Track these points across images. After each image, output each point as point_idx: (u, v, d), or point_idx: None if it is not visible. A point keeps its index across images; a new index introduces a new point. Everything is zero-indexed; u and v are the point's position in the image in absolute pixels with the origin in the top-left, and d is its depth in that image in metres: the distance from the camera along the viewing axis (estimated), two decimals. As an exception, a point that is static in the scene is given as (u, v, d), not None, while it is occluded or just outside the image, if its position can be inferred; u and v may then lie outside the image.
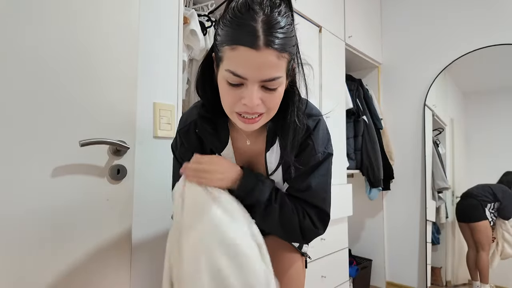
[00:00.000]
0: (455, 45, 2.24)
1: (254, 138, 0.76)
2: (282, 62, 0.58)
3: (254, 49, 0.54)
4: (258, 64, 0.55)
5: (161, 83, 1.10)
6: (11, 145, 0.75)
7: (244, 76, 0.57)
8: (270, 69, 0.56)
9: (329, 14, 1.97)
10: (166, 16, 1.13)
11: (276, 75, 0.57)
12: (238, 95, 0.59)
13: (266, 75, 0.57)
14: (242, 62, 0.56)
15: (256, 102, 0.58)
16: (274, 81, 0.58)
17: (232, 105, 0.61)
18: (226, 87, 0.60)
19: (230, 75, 0.57)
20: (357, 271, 2.21)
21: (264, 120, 0.64)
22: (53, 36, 0.82)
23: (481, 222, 2.10)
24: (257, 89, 0.58)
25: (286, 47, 0.57)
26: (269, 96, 0.60)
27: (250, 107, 0.59)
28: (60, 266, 0.82)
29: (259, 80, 0.57)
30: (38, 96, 0.79)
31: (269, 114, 0.64)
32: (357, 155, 2.25)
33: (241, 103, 0.59)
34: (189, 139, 0.77)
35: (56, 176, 0.81)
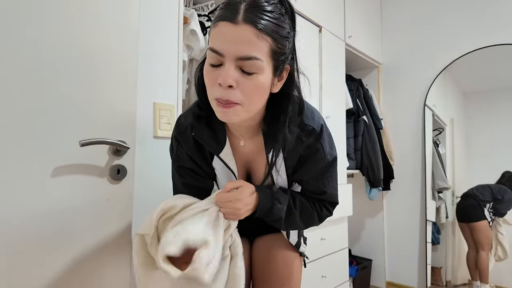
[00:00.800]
0: (455, 45, 2.24)
1: (250, 139, 0.76)
2: (261, 43, 0.55)
3: (232, 22, 0.54)
4: (234, 37, 0.54)
5: (161, 83, 1.10)
6: (11, 145, 0.75)
7: (221, 52, 0.55)
8: (246, 45, 0.54)
9: (329, 14, 1.97)
10: (166, 16, 1.13)
11: (252, 54, 0.55)
12: (216, 76, 0.57)
13: (241, 51, 0.55)
14: (220, 36, 0.56)
15: (228, 79, 0.55)
16: (250, 61, 0.55)
17: (211, 90, 0.60)
18: (206, 69, 0.60)
19: (210, 52, 0.57)
20: (357, 271, 2.21)
21: (241, 114, 0.60)
22: (53, 36, 0.82)
23: (481, 222, 2.10)
24: (234, 69, 0.56)
25: (269, 30, 0.56)
26: (245, 81, 0.57)
27: (223, 87, 0.56)
28: (60, 266, 0.82)
29: (235, 56, 0.55)
30: (38, 96, 0.79)
31: (247, 106, 0.59)
32: (357, 155, 2.25)
33: (217, 84, 0.57)
34: (186, 142, 0.76)
35: (56, 176, 0.81)
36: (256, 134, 0.74)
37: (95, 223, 0.88)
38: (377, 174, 2.22)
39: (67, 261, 0.83)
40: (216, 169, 0.79)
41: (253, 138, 0.75)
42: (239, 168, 0.79)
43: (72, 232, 0.84)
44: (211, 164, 0.78)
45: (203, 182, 0.80)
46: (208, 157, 0.77)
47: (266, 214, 0.74)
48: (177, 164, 0.80)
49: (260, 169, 0.79)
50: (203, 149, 0.77)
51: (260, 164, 0.78)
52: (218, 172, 0.80)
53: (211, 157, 0.77)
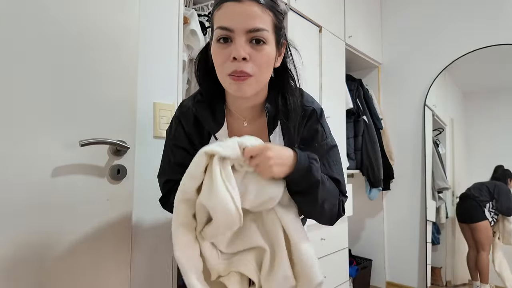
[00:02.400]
0: (455, 45, 2.24)
1: (252, 121, 0.77)
2: (265, 16, 0.63)
3: (237, 1, 0.61)
4: (242, 13, 0.61)
5: (161, 83, 1.10)
6: (12, 145, 0.75)
7: (230, 27, 0.61)
8: (254, 19, 0.61)
9: (329, 14, 1.97)
10: (166, 16, 1.13)
11: (260, 25, 0.62)
12: (227, 52, 0.62)
13: (250, 24, 0.61)
14: (227, 15, 0.62)
15: (242, 52, 0.61)
16: (259, 32, 0.62)
17: (223, 66, 0.64)
18: (216, 48, 0.64)
19: (218, 31, 0.62)
20: (357, 271, 2.21)
21: (254, 85, 0.65)
22: (53, 36, 0.82)
23: (481, 223, 2.10)
24: (245, 42, 0.62)
25: (269, 6, 0.64)
26: (256, 53, 0.63)
27: (238, 60, 0.61)
28: (60, 266, 0.82)
29: (245, 29, 0.61)
30: (38, 96, 0.79)
31: (258, 77, 0.65)
32: (357, 155, 2.25)
33: (230, 59, 0.62)
34: (187, 119, 0.77)
35: (56, 176, 0.81)
36: (258, 116, 0.76)
37: (95, 223, 0.88)
38: (377, 174, 2.22)
39: (67, 261, 0.83)
40: None
41: (256, 120, 0.77)
42: None
43: (72, 232, 0.84)
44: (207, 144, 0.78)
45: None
46: (206, 137, 0.78)
47: (303, 175, 0.63)
48: (172, 143, 0.80)
49: None
50: (202, 129, 0.77)
51: None
52: None
53: (208, 137, 0.78)
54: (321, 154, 0.73)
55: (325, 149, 0.75)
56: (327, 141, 0.76)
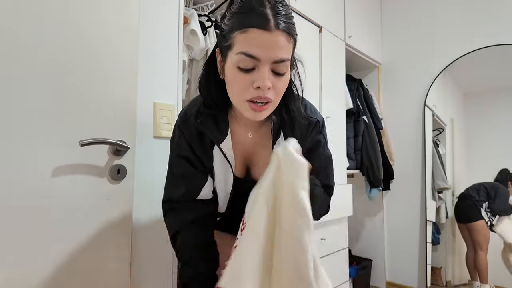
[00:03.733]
0: (455, 45, 2.24)
1: (255, 131, 0.77)
2: (290, 45, 0.62)
3: (267, 30, 0.58)
4: (270, 44, 0.59)
5: (161, 83, 1.10)
6: (12, 144, 0.75)
7: (257, 56, 0.59)
8: (281, 49, 0.60)
9: (329, 14, 1.97)
10: (166, 16, 1.13)
11: (286, 56, 0.61)
12: (250, 80, 0.61)
13: (277, 55, 0.60)
14: (255, 43, 0.59)
15: (268, 83, 0.60)
16: (283, 63, 0.61)
17: (243, 92, 0.63)
18: (236, 73, 0.62)
19: (242, 57, 0.60)
20: (357, 271, 2.21)
21: (270, 110, 0.66)
22: (53, 37, 0.82)
23: (478, 222, 2.11)
24: (269, 71, 0.61)
25: (294, 33, 0.63)
26: (277, 82, 0.63)
27: (262, 89, 0.61)
28: (59, 266, 0.82)
29: (271, 60, 0.60)
30: (38, 96, 0.79)
31: (275, 102, 0.66)
32: (357, 155, 2.25)
33: (253, 87, 0.61)
34: (188, 130, 0.77)
35: (56, 176, 0.81)
36: (262, 125, 0.77)
37: (95, 223, 0.88)
38: (377, 174, 2.22)
39: (66, 261, 0.83)
40: (214, 161, 0.79)
41: (260, 130, 0.77)
42: (238, 162, 0.79)
43: (72, 231, 0.84)
44: (211, 155, 0.78)
45: (195, 175, 0.79)
46: (209, 147, 0.78)
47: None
48: (175, 153, 0.80)
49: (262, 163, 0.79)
50: (205, 139, 0.77)
51: (263, 158, 0.78)
52: (216, 164, 0.79)
53: (211, 146, 0.78)
54: (323, 164, 0.81)
55: (325, 158, 0.82)
56: (327, 151, 0.82)
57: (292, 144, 0.63)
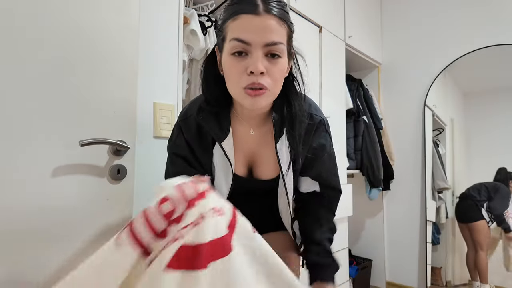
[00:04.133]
0: (455, 45, 2.24)
1: (257, 128, 0.76)
2: (282, 30, 0.62)
3: (256, 14, 0.59)
4: (260, 27, 0.60)
5: (161, 83, 1.10)
6: (12, 144, 0.75)
7: (248, 41, 0.60)
8: (271, 33, 0.60)
9: (329, 14, 1.97)
10: (166, 16, 1.13)
11: (278, 39, 0.61)
12: (244, 66, 0.61)
13: (268, 38, 0.60)
14: (245, 28, 0.60)
15: (261, 67, 0.60)
16: (276, 46, 0.61)
17: (239, 79, 0.63)
18: (231, 61, 0.63)
19: (234, 43, 0.61)
20: (357, 271, 2.21)
21: (268, 98, 0.65)
22: (53, 36, 0.82)
23: (479, 222, 2.11)
24: (262, 56, 0.61)
25: (285, 18, 0.63)
26: (272, 67, 0.62)
27: (255, 74, 0.61)
28: (59, 266, 0.82)
29: (262, 43, 0.60)
30: (38, 96, 0.79)
31: (273, 90, 0.64)
32: (357, 155, 2.25)
33: (247, 73, 0.61)
34: (188, 129, 0.76)
35: (56, 176, 0.81)
36: (265, 123, 0.76)
37: (95, 223, 0.88)
38: (377, 174, 2.22)
39: (66, 261, 0.83)
40: (214, 159, 0.79)
41: (262, 127, 0.77)
42: (239, 161, 0.79)
43: (72, 232, 0.84)
44: (211, 153, 0.78)
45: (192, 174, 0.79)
46: (209, 145, 0.77)
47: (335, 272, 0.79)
48: (171, 152, 0.80)
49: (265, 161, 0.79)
50: (205, 137, 0.77)
51: (266, 157, 0.78)
52: (216, 162, 0.79)
53: (212, 145, 0.77)
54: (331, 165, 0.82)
55: (332, 159, 0.82)
56: (333, 152, 0.83)
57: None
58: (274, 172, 0.79)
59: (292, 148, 0.74)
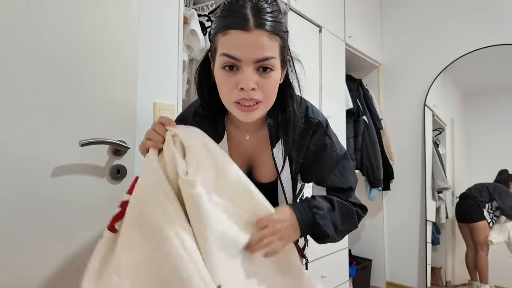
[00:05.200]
0: (455, 45, 2.24)
1: (254, 134, 0.76)
2: (274, 44, 0.60)
3: (245, 30, 0.57)
4: (250, 44, 0.58)
5: (161, 83, 1.10)
6: (12, 144, 0.75)
7: (237, 57, 0.59)
8: (262, 48, 0.59)
9: (329, 14, 1.97)
10: (166, 16, 1.13)
11: (268, 54, 0.59)
12: (235, 81, 0.60)
13: (258, 54, 0.59)
14: (234, 44, 0.58)
15: (251, 84, 0.59)
16: (267, 61, 0.60)
17: (230, 94, 0.62)
18: (222, 75, 0.62)
19: (225, 58, 0.60)
20: (357, 271, 2.21)
21: (262, 110, 0.64)
22: (53, 36, 0.82)
23: (480, 223, 2.11)
24: (252, 71, 0.60)
25: (277, 30, 0.60)
26: (264, 81, 0.61)
27: (246, 91, 0.60)
28: (59, 266, 0.82)
29: (253, 60, 0.59)
30: (38, 96, 0.79)
31: (266, 103, 0.64)
32: (357, 155, 2.25)
33: (238, 89, 0.60)
34: None
35: (56, 176, 0.81)
36: (260, 129, 0.76)
37: (95, 223, 0.88)
38: (377, 174, 2.22)
39: (66, 261, 0.83)
40: None
41: (258, 133, 0.76)
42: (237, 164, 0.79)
43: (71, 231, 0.84)
44: None
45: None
46: None
47: (310, 226, 0.68)
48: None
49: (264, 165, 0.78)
50: None
51: (263, 161, 0.78)
52: None
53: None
54: (333, 165, 0.76)
55: (335, 159, 0.76)
56: (337, 152, 0.76)
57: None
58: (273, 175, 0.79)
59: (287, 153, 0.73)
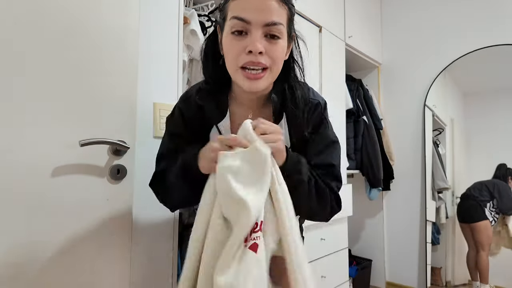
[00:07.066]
0: (455, 45, 2.24)
1: (256, 112, 0.76)
2: (282, 11, 0.63)
3: None
4: (260, 6, 0.60)
5: (161, 83, 1.10)
6: (12, 144, 0.75)
7: (247, 19, 0.60)
8: (271, 12, 0.61)
9: (329, 14, 1.97)
10: (166, 16, 1.13)
11: (277, 19, 0.61)
12: (243, 45, 0.62)
13: (268, 17, 0.61)
14: (245, 6, 0.61)
15: (259, 46, 0.60)
16: (276, 26, 0.61)
17: (237, 58, 0.63)
18: (231, 40, 0.63)
19: (234, 21, 0.62)
20: (357, 271, 2.21)
21: (267, 79, 0.65)
22: (53, 36, 0.82)
23: (481, 222, 2.11)
24: (261, 35, 0.61)
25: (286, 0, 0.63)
26: (272, 47, 0.62)
27: (254, 54, 0.61)
28: (58, 266, 0.82)
29: (262, 23, 0.61)
30: (38, 96, 0.79)
31: (272, 70, 0.64)
32: (357, 155, 2.25)
33: (245, 52, 0.61)
34: (188, 108, 0.76)
35: (56, 176, 0.81)
36: (263, 106, 0.76)
37: (95, 223, 0.88)
38: (377, 174, 2.22)
39: (66, 261, 0.83)
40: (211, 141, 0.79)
41: (261, 110, 0.76)
42: None
43: (72, 232, 0.84)
44: (207, 136, 0.78)
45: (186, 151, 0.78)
46: (207, 127, 0.77)
47: (295, 165, 0.66)
48: (169, 128, 0.80)
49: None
50: (203, 120, 0.76)
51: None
52: None
53: (210, 129, 0.77)
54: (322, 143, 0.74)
55: (325, 138, 0.75)
56: (328, 133, 0.76)
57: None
58: None
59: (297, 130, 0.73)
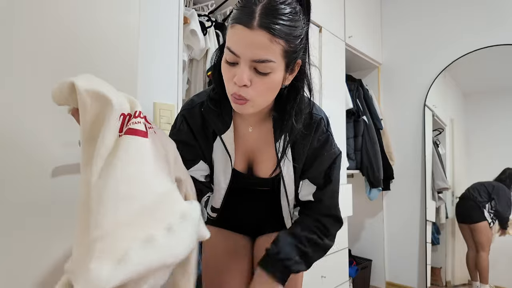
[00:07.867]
0: (455, 45, 2.24)
1: (256, 126, 0.77)
2: (274, 47, 0.58)
3: (248, 28, 0.57)
4: (249, 42, 0.58)
5: (161, 83, 1.10)
6: (11, 144, 0.75)
7: (236, 53, 0.59)
8: (260, 49, 0.58)
9: (329, 14, 1.97)
10: (166, 16, 1.12)
11: (266, 57, 0.58)
12: (233, 74, 0.61)
13: (256, 55, 0.58)
14: (236, 39, 0.59)
15: (244, 80, 0.59)
16: (264, 64, 0.59)
17: (227, 85, 0.64)
18: (225, 67, 0.63)
19: (227, 51, 0.61)
20: (357, 271, 2.21)
21: (252, 108, 0.65)
22: (52, 36, 0.82)
23: (481, 223, 2.11)
24: (248, 69, 0.60)
25: (283, 34, 0.58)
26: (259, 80, 0.61)
27: (238, 85, 0.61)
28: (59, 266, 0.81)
29: (249, 59, 0.59)
30: (38, 96, 0.79)
31: (255, 102, 0.64)
32: (357, 155, 2.25)
33: (233, 82, 0.61)
34: (193, 118, 0.77)
35: (56, 176, 0.81)
36: (264, 121, 0.76)
37: (95, 223, 0.88)
38: (377, 174, 2.22)
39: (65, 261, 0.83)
40: (215, 153, 0.79)
41: (261, 125, 0.77)
42: (239, 156, 0.79)
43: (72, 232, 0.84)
44: (211, 146, 0.79)
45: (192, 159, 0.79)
46: (211, 137, 0.78)
47: (287, 274, 0.76)
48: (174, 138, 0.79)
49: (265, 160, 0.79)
50: (207, 130, 0.77)
51: (266, 155, 0.78)
52: (217, 156, 0.80)
53: (213, 138, 0.78)
54: (328, 164, 0.78)
55: (332, 158, 0.78)
56: (335, 150, 0.79)
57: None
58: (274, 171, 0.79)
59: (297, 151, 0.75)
